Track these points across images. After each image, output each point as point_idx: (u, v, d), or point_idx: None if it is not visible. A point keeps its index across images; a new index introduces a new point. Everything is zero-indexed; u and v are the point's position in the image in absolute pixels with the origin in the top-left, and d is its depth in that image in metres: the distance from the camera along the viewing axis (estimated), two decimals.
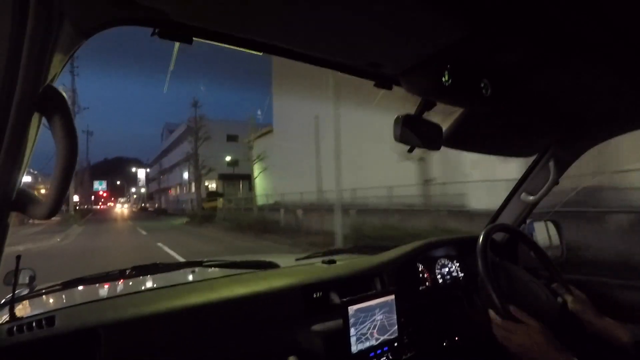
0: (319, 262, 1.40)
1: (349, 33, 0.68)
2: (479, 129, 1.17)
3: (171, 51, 8.68)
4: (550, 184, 1.43)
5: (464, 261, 1.51)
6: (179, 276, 1.39)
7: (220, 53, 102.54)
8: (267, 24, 0.65)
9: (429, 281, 1.39)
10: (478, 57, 0.80)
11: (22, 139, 0.49)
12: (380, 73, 0.86)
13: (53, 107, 0.50)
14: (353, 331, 0.99)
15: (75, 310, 0.92)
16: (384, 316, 1.06)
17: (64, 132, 0.50)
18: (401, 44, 0.73)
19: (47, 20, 0.47)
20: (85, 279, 1.24)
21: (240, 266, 1.41)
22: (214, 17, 0.62)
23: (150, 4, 0.55)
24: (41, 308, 0.98)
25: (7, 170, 0.49)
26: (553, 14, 0.65)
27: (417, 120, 0.95)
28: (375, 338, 1.03)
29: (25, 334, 0.78)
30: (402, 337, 1.10)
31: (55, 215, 0.53)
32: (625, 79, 0.93)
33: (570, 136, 1.35)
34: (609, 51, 0.79)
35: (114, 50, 75.32)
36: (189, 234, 14.90)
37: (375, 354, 1.02)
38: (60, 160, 0.50)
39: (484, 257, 1.09)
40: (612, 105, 1.11)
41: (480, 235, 1.14)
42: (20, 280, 1.02)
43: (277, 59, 15.37)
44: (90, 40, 0.59)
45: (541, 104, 1.08)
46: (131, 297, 1.05)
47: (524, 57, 0.80)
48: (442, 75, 0.79)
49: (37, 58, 0.47)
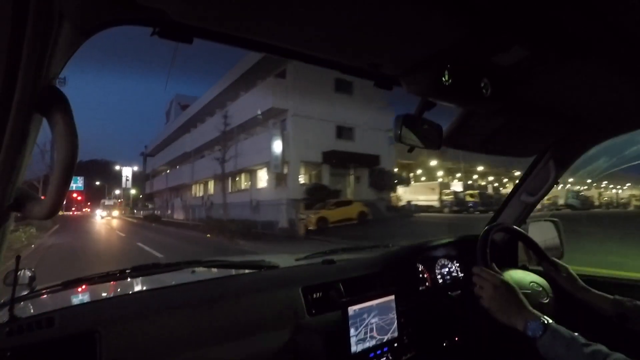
0: (319, 262, 1.40)
1: (349, 33, 0.68)
2: (479, 129, 1.17)
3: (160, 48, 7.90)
4: (550, 184, 1.43)
5: (464, 261, 1.51)
6: (179, 276, 1.39)
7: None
8: (267, 24, 0.65)
9: (429, 281, 1.39)
10: (478, 57, 0.80)
11: (22, 139, 0.49)
12: (380, 73, 0.86)
13: (53, 107, 0.50)
14: (353, 331, 0.99)
15: (74, 311, 0.92)
16: (384, 316, 1.06)
17: (64, 131, 0.49)
18: (401, 44, 0.73)
19: (47, 20, 0.46)
20: (85, 279, 1.24)
21: (240, 266, 1.41)
22: (214, 17, 0.61)
23: (150, 4, 0.55)
24: (41, 308, 0.98)
25: (7, 170, 0.49)
26: (553, 14, 0.65)
27: (417, 120, 0.95)
28: (375, 338, 1.03)
29: (25, 335, 0.78)
30: (402, 337, 1.10)
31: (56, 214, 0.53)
32: (625, 79, 0.93)
33: (570, 136, 1.35)
34: (609, 51, 0.79)
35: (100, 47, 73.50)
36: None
37: (375, 354, 1.02)
38: (60, 160, 0.50)
39: (484, 257, 1.09)
40: (612, 105, 1.11)
41: (480, 235, 1.14)
42: (20, 280, 1.02)
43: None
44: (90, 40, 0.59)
45: (541, 104, 1.08)
46: (131, 297, 1.05)
47: (524, 57, 0.80)
48: (442, 75, 0.79)
49: (37, 58, 0.47)
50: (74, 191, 48.42)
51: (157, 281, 1.33)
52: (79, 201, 63.95)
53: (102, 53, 63.94)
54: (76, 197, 58.73)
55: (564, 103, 1.10)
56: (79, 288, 1.22)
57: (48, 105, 0.50)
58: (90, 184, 69.32)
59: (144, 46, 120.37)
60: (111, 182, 60.12)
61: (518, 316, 0.91)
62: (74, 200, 59.87)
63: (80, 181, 46.93)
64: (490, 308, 0.97)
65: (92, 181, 71.32)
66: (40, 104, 0.49)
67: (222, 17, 0.62)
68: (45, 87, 0.50)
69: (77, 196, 57.41)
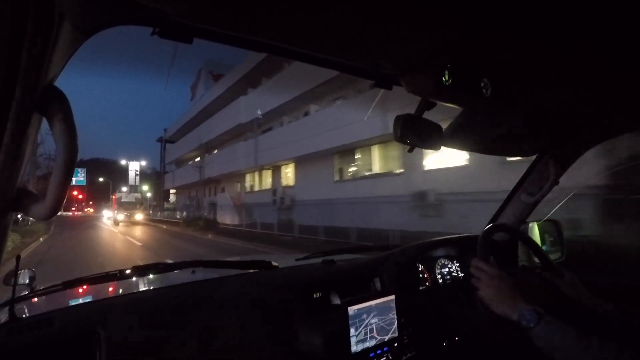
0: (319, 262, 1.40)
1: (349, 33, 0.68)
2: (479, 129, 1.17)
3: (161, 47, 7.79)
4: (550, 184, 1.43)
5: (464, 261, 1.51)
6: (179, 276, 1.39)
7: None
8: (267, 24, 0.65)
9: (429, 281, 1.39)
10: (478, 57, 0.80)
11: (22, 139, 0.49)
12: (380, 73, 0.86)
13: (53, 107, 0.50)
14: (353, 331, 0.99)
15: (74, 311, 0.92)
16: (384, 316, 1.06)
17: (64, 131, 0.49)
18: (401, 44, 0.73)
19: (47, 20, 0.46)
20: (85, 279, 1.24)
21: (240, 266, 1.41)
22: (214, 17, 0.61)
23: (150, 4, 0.55)
24: (41, 308, 0.98)
25: (6, 170, 0.49)
26: (553, 13, 0.65)
27: (417, 120, 0.95)
28: (375, 338, 1.03)
29: (25, 335, 0.78)
30: (402, 337, 1.10)
31: (57, 214, 0.53)
32: (625, 79, 0.93)
33: (570, 136, 1.35)
34: (610, 51, 0.79)
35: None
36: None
37: (375, 354, 1.02)
38: (60, 160, 0.50)
39: (484, 257, 1.09)
40: (612, 105, 1.11)
41: (480, 235, 1.14)
42: (20, 280, 1.02)
43: None
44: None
45: (541, 103, 1.08)
46: (131, 297, 1.05)
47: (524, 57, 0.80)
48: (442, 75, 0.79)
49: (37, 58, 0.47)
50: (75, 187, 42.48)
51: (158, 281, 1.33)
52: (79, 200, 56.67)
53: (103, 53, 62.51)
54: (76, 195, 51.69)
55: (564, 103, 1.10)
56: (79, 288, 1.22)
57: (48, 105, 0.50)
58: (93, 180, 61.97)
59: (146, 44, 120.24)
60: (116, 179, 51.57)
61: (512, 306, 0.92)
62: (74, 198, 51.42)
63: (81, 174, 39.57)
64: (485, 298, 0.98)
65: (94, 178, 63.90)
66: (40, 104, 0.49)
67: (222, 17, 0.62)
68: (45, 87, 0.50)
69: (77, 194, 50.25)
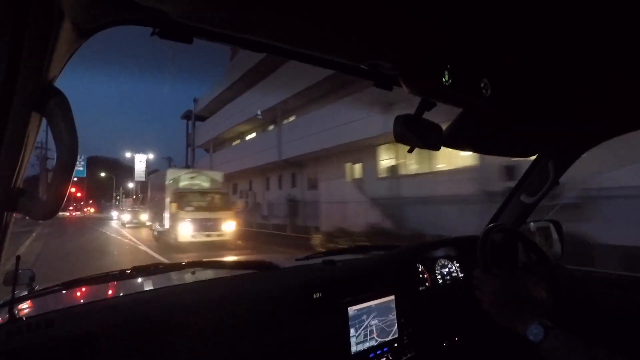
0: (319, 263, 1.40)
1: (349, 33, 0.68)
2: (479, 129, 1.17)
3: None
4: (550, 184, 1.43)
5: (464, 261, 1.51)
6: (179, 276, 1.39)
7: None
8: (267, 24, 0.65)
9: (429, 281, 1.39)
10: (478, 57, 0.80)
11: (22, 139, 0.49)
12: (380, 73, 0.86)
13: (53, 107, 0.50)
14: (353, 332, 0.99)
15: (74, 312, 0.92)
16: (384, 317, 1.06)
17: (64, 131, 0.49)
18: (401, 44, 0.72)
19: (47, 20, 0.46)
20: (85, 279, 1.24)
21: (240, 267, 1.41)
22: (214, 17, 0.61)
23: (150, 4, 0.55)
24: (41, 309, 0.98)
25: (6, 170, 0.49)
26: (553, 14, 0.65)
27: (417, 120, 0.95)
28: (375, 339, 1.03)
29: (25, 336, 0.78)
30: (402, 337, 1.09)
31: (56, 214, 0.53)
32: (625, 79, 0.93)
33: (570, 136, 1.35)
34: (609, 51, 0.79)
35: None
36: None
37: (375, 354, 1.02)
38: (60, 160, 0.50)
39: (484, 259, 1.09)
40: (612, 105, 1.11)
41: (480, 236, 1.14)
42: (19, 280, 1.02)
43: None
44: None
45: (541, 104, 1.08)
46: (131, 297, 1.05)
47: (524, 57, 0.80)
48: (442, 75, 0.79)
49: (37, 58, 0.47)
50: (72, 184, 37.94)
51: (158, 282, 1.33)
52: (78, 198, 51.17)
53: (103, 53, 61.94)
54: (75, 193, 46.67)
55: (564, 103, 1.10)
56: (79, 289, 1.21)
57: (48, 105, 0.50)
58: (94, 177, 56.52)
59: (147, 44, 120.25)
60: (119, 176, 46.35)
61: (519, 320, 0.90)
62: (71, 196, 45.19)
63: (80, 162, 34.16)
64: (491, 312, 0.96)
65: (95, 174, 57.98)
66: (40, 104, 0.49)
67: (222, 17, 0.62)
68: (45, 87, 0.50)
69: (75, 191, 45.30)
